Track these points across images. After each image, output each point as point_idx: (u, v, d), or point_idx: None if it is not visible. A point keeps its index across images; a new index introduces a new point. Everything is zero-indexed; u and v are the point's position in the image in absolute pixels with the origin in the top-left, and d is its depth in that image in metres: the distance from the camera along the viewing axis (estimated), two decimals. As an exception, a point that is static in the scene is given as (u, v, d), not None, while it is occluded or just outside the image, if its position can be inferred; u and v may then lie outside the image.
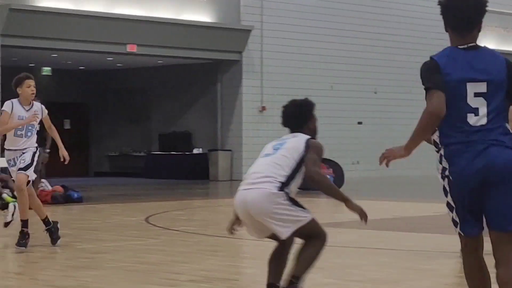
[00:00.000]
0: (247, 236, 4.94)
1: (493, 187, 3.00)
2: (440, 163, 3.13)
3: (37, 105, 7.54)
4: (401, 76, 21.88)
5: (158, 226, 9.76)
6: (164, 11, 18.51)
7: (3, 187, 11.88)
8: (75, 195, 12.76)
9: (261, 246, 5.71)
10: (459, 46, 3.08)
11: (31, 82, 7.43)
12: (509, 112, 3.21)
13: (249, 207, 4.08)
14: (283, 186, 4.10)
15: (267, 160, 4.26)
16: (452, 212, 3.08)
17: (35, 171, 8.00)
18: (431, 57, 3.10)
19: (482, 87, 3.01)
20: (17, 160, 7.30)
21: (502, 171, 2.96)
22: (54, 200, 12.30)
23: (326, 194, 4.37)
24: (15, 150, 7.34)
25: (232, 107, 20.81)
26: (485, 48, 3.13)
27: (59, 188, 12.93)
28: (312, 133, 4.38)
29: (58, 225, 7.38)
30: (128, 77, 23.01)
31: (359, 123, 21.30)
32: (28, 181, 7.30)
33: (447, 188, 3.06)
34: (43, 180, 12.91)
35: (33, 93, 7.39)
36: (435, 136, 3.11)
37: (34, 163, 7.40)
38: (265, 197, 4.05)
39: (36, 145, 7.51)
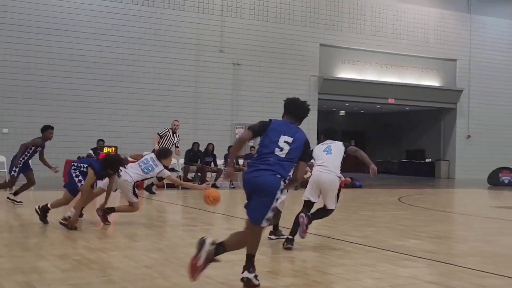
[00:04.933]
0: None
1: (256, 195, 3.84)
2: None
3: None
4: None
5: (407, 203, 10.26)
6: (410, 79, 22.34)
7: None
8: (358, 183, 15.82)
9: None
10: (290, 122, 4.09)
11: None
12: (301, 167, 4.03)
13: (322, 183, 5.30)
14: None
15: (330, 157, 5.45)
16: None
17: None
18: (270, 119, 4.05)
19: (290, 139, 3.96)
20: None
21: (261, 186, 3.80)
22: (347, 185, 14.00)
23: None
24: None
25: (450, 135, 23.87)
26: (300, 128, 4.10)
27: (348, 179, 14.78)
28: None
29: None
30: (388, 117, 27.26)
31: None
32: None
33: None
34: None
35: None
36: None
37: None
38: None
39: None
